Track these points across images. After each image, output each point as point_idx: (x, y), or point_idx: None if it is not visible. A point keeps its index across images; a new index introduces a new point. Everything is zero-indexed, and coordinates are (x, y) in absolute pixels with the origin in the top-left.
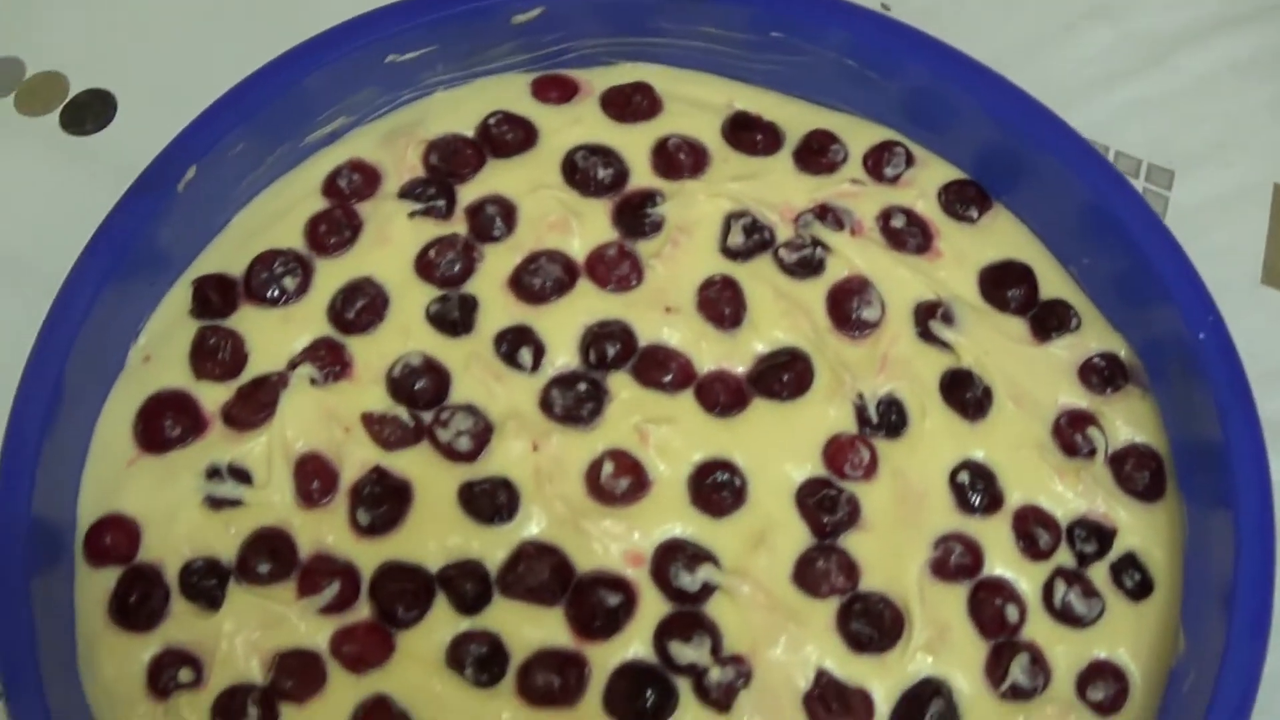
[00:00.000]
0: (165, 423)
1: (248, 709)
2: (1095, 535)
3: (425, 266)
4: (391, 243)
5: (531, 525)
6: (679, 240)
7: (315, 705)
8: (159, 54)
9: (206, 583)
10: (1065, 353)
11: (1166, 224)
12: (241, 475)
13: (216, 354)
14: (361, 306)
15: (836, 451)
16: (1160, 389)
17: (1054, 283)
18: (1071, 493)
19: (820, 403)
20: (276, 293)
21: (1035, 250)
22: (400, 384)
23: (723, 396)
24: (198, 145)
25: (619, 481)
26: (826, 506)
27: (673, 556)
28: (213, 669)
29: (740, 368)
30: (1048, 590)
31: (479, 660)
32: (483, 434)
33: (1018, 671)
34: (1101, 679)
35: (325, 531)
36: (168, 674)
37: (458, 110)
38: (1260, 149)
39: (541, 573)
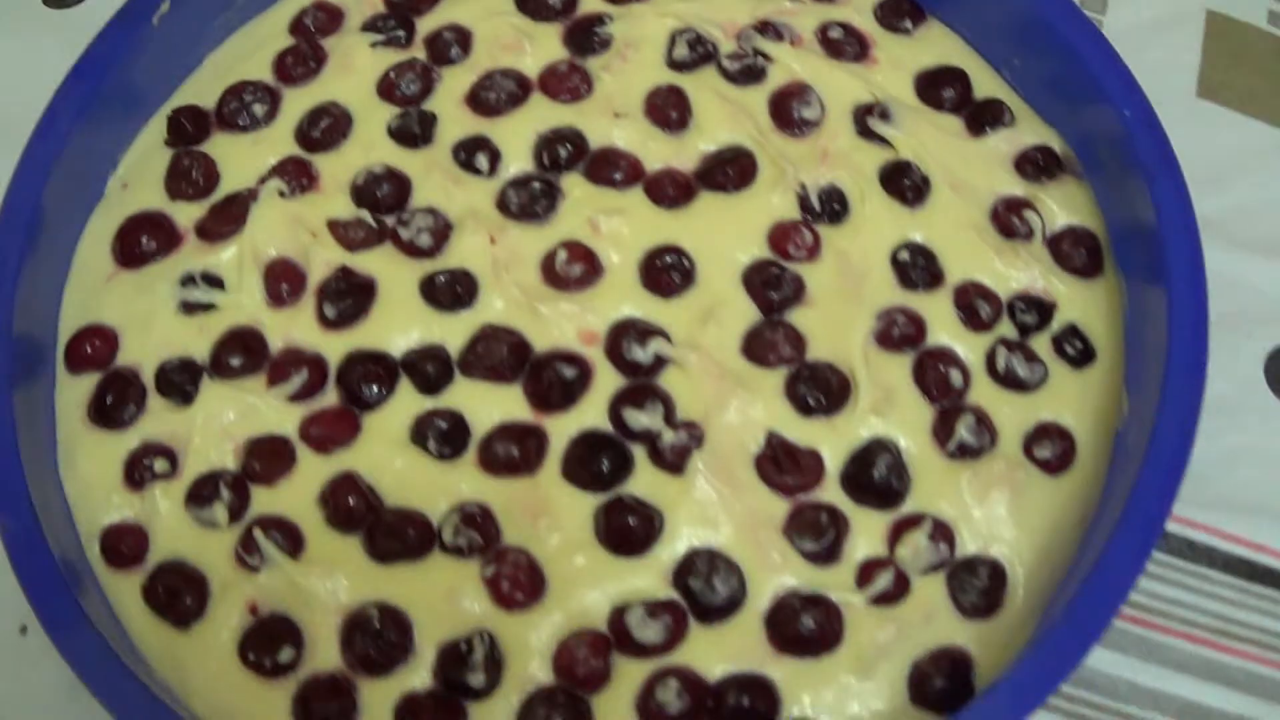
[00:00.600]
0: (142, 239)
1: (220, 491)
2: (1035, 308)
3: (386, 88)
4: (354, 70)
5: (490, 311)
6: (627, 55)
7: (284, 485)
8: None
9: (180, 379)
10: (1001, 145)
11: None
12: (214, 281)
13: (190, 175)
14: (326, 126)
15: (781, 235)
16: (1095, 177)
17: (987, 84)
18: (1011, 270)
19: (764, 193)
20: (246, 120)
21: (968, 55)
22: (364, 191)
23: (671, 190)
24: None
25: (573, 268)
26: (772, 284)
27: (625, 332)
28: (186, 458)
29: (687, 166)
30: (990, 358)
31: (441, 434)
32: (442, 231)
33: (964, 431)
34: (1048, 439)
35: (294, 328)
36: (143, 466)
37: None
38: None
39: (500, 352)
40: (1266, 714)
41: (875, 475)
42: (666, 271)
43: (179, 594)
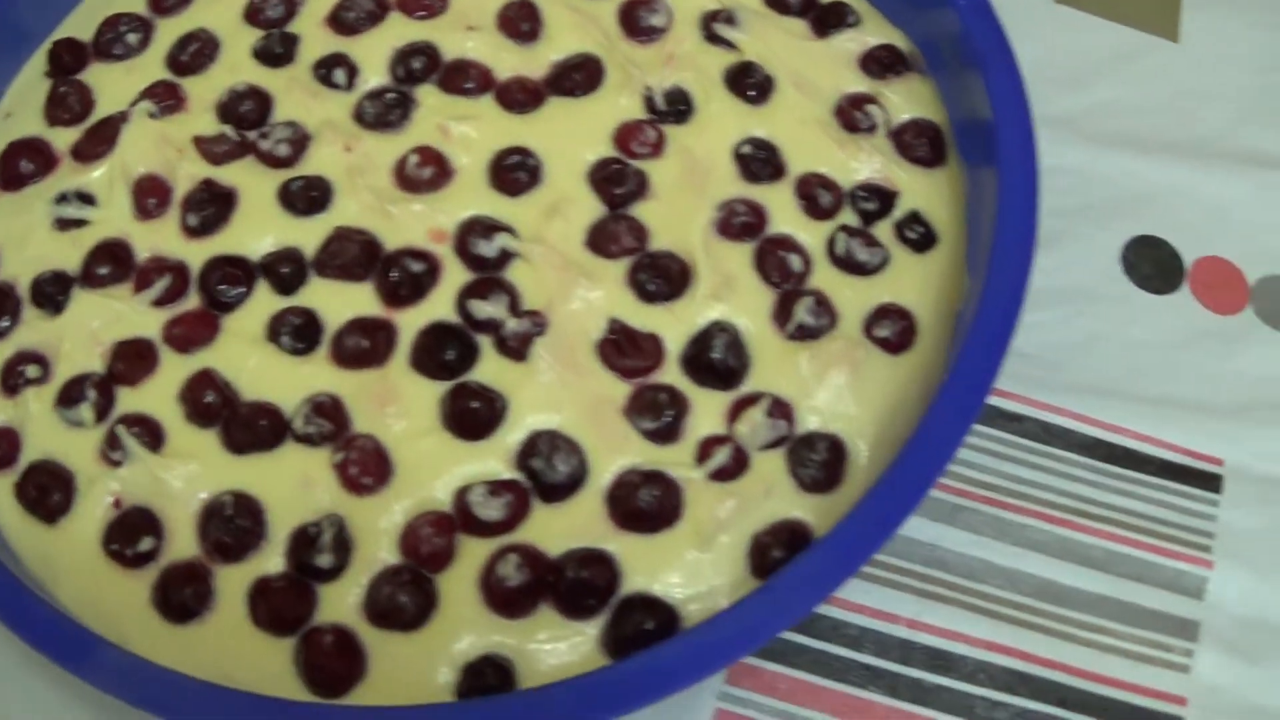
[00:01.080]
0: (20, 162)
1: (85, 393)
2: (877, 196)
3: (252, 13)
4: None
5: (344, 214)
6: None
7: (147, 384)
8: None
9: (52, 290)
10: (847, 45)
11: None
12: (86, 199)
13: (66, 101)
14: (194, 50)
15: (625, 134)
16: (939, 74)
17: None
18: (854, 161)
19: (611, 96)
20: (121, 49)
21: None
22: (228, 107)
23: (520, 96)
24: None
25: (423, 171)
26: (615, 179)
27: (472, 229)
28: (58, 364)
29: (538, 74)
30: (831, 243)
31: (295, 330)
32: (300, 141)
33: (802, 312)
34: (887, 319)
35: (159, 238)
36: (17, 373)
37: None
38: None
39: (351, 250)
40: (1122, 591)
41: (713, 355)
42: (513, 171)
43: (48, 491)
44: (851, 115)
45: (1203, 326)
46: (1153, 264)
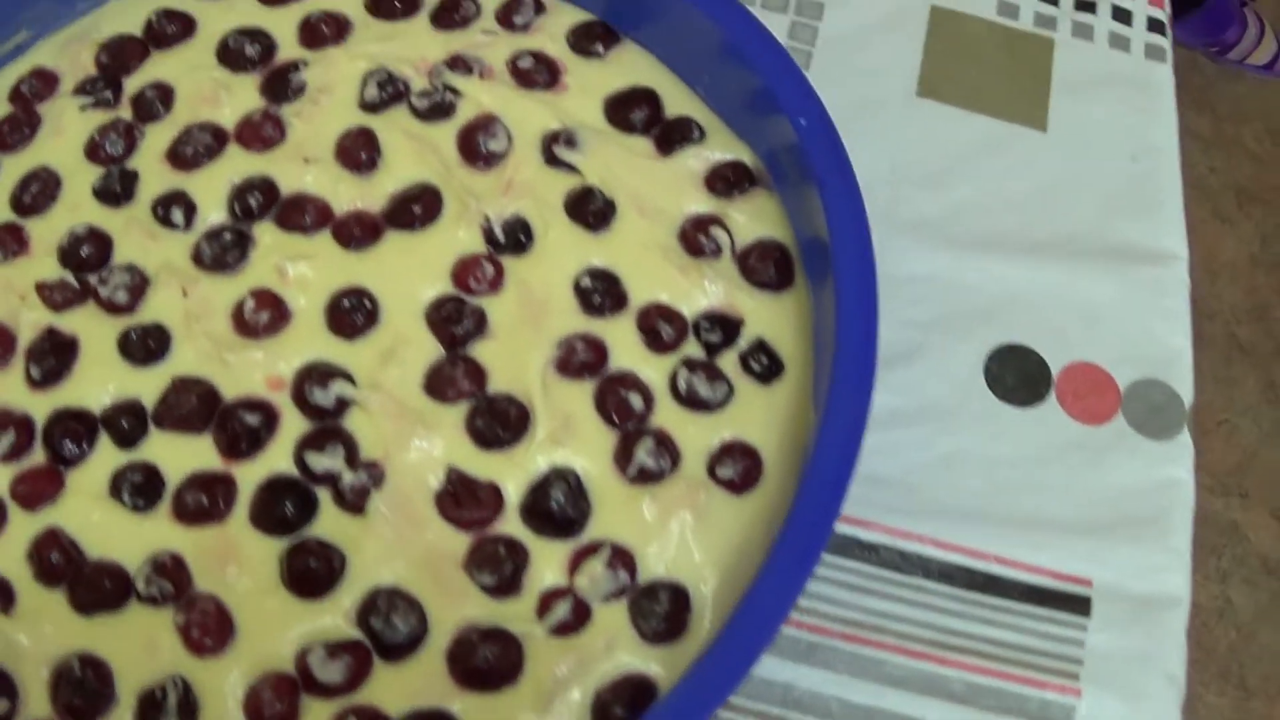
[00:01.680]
0: None
1: None
2: (720, 325)
3: (93, 149)
4: (64, 134)
5: (182, 363)
6: (319, 100)
7: None
8: None
9: None
10: (691, 162)
11: (815, 50)
12: None
13: None
14: (36, 191)
15: (463, 269)
16: (782, 188)
17: (679, 102)
18: (697, 289)
19: (449, 228)
20: None
21: (660, 75)
22: (68, 252)
23: (358, 231)
24: None
25: (260, 315)
26: (452, 319)
27: (308, 377)
28: None
29: (376, 206)
30: (673, 379)
31: (135, 487)
32: (139, 287)
33: (643, 454)
34: (730, 458)
35: (4, 390)
36: None
37: (126, 13)
38: None
39: (189, 402)
40: None
41: (552, 504)
42: (350, 314)
43: None
44: (695, 239)
45: (1071, 438)
46: (1017, 374)
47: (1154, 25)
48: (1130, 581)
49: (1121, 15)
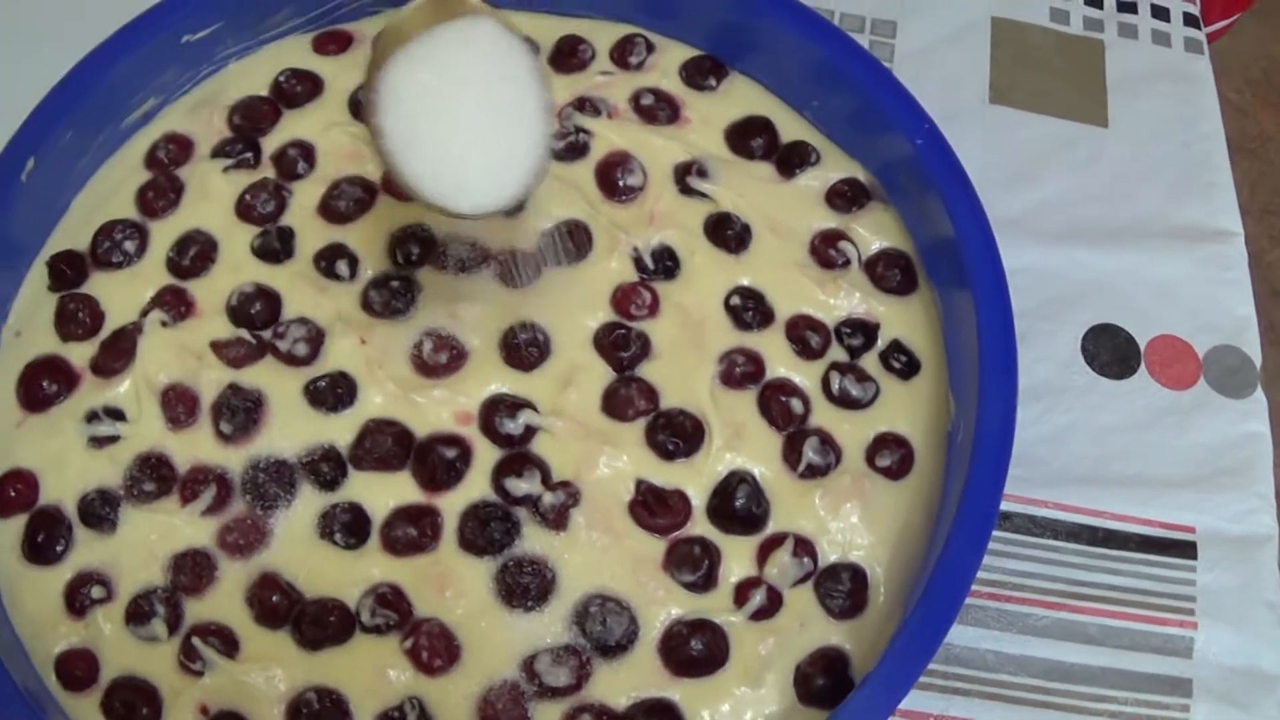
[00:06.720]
0: (43, 383)
1: (155, 608)
2: (860, 330)
3: (244, 210)
4: (211, 196)
5: (371, 406)
6: None
7: (212, 593)
8: None
9: (101, 510)
10: (811, 183)
11: (893, 66)
12: (116, 414)
13: (77, 316)
14: (194, 254)
15: (622, 298)
16: (898, 201)
17: (792, 128)
18: (833, 299)
19: (602, 260)
20: (120, 256)
21: (771, 103)
22: (239, 310)
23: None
24: (32, 139)
25: (439, 356)
26: (620, 344)
27: (495, 409)
28: (120, 581)
29: (529, 245)
30: (825, 382)
31: (344, 526)
32: (316, 338)
33: (810, 452)
34: (887, 448)
35: (196, 447)
36: (81, 594)
37: (251, 75)
38: None
39: (386, 443)
40: (1120, 661)
41: (737, 505)
42: (524, 347)
43: (134, 707)
44: (825, 253)
45: (1163, 404)
46: (1110, 351)
47: (1189, 20)
48: (1227, 525)
49: (1160, 13)
